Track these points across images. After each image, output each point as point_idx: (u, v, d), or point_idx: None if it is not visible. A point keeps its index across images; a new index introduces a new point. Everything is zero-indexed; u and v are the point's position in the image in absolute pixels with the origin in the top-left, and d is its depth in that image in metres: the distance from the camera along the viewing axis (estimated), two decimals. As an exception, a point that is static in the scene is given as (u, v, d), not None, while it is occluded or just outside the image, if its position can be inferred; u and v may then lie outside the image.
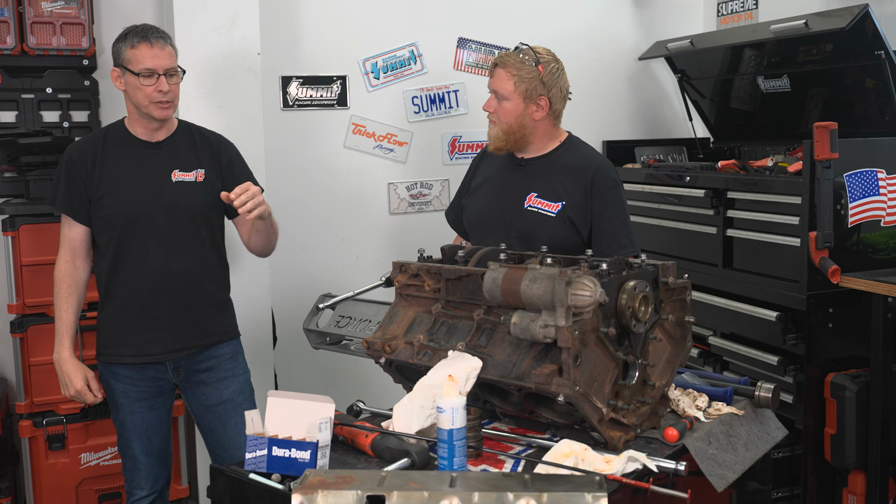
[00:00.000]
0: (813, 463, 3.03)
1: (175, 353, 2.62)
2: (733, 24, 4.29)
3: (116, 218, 2.55)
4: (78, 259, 2.62)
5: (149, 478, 2.66)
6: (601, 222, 2.55)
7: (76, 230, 2.60)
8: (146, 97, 2.52)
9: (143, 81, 2.50)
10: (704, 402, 2.10)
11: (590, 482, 1.49)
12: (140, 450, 2.64)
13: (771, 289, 3.15)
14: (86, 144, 2.63)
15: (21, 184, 3.34)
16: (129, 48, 2.52)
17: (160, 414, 2.67)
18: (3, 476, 3.21)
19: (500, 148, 2.61)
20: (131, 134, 2.63)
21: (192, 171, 2.62)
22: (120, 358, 2.60)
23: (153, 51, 2.51)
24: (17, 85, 3.41)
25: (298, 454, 1.75)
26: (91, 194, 2.57)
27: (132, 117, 2.63)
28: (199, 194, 2.62)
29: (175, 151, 2.64)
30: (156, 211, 2.56)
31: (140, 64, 2.50)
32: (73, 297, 2.60)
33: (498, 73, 2.57)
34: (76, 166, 2.58)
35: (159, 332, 2.59)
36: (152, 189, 2.57)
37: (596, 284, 1.75)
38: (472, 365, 1.86)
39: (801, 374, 3.05)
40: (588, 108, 4.26)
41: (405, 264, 2.12)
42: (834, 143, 2.85)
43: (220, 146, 2.72)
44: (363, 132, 3.91)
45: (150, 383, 2.63)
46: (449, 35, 4.04)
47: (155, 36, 2.53)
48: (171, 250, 2.58)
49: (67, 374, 2.56)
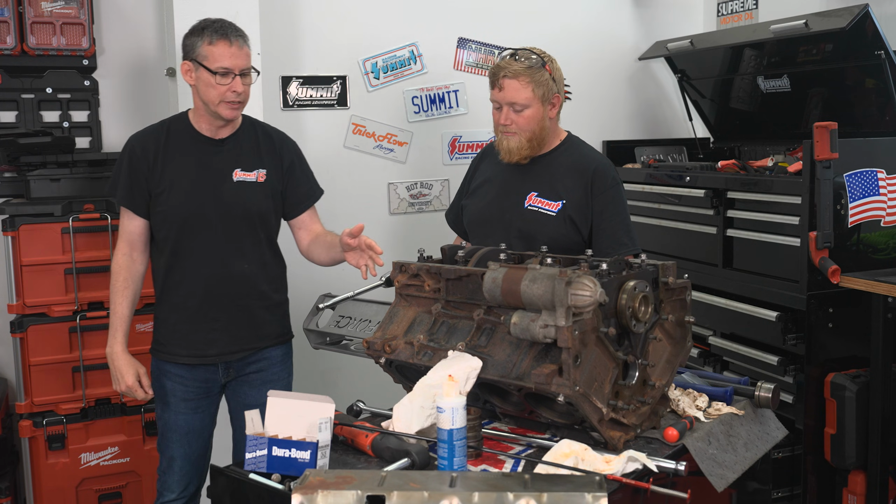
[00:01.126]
0: (813, 463, 3.03)
1: (230, 355, 2.60)
2: (733, 24, 4.29)
3: (175, 216, 2.53)
4: (136, 252, 2.59)
5: (181, 482, 2.63)
6: (601, 221, 2.55)
7: (135, 223, 2.57)
8: (218, 95, 2.47)
9: (218, 80, 2.46)
10: (704, 402, 2.10)
11: (590, 482, 1.49)
12: (178, 452, 2.62)
13: (771, 289, 3.15)
14: (149, 136, 2.59)
15: (21, 184, 3.33)
16: (207, 44, 2.46)
17: (203, 418, 2.65)
18: (3, 476, 3.21)
19: (526, 156, 2.57)
20: (195, 129, 2.58)
21: (253, 170, 2.59)
22: (175, 357, 2.59)
23: (232, 49, 2.46)
24: (17, 85, 3.41)
25: (298, 454, 1.75)
26: (152, 189, 2.54)
27: (198, 112, 2.58)
28: (258, 195, 2.58)
29: (237, 150, 2.60)
30: (214, 211, 2.53)
31: (217, 62, 2.45)
32: (128, 291, 2.57)
33: (510, 85, 2.50)
34: (139, 159, 2.54)
35: (215, 333, 2.57)
36: (212, 188, 2.54)
37: (596, 284, 1.75)
38: (472, 365, 1.86)
39: (801, 374, 3.05)
40: (588, 108, 4.26)
41: (405, 264, 2.12)
42: (834, 143, 2.85)
43: (282, 145, 2.67)
44: (363, 132, 3.91)
45: (199, 384, 2.61)
46: (449, 35, 4.04)
47: (235, 34, 2.48)
48: (229, 251, 2.55)
49: (119, 369, 2.54)
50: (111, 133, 3.63)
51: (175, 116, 2.66)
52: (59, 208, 3.14)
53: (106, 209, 3.20)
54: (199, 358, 2.58)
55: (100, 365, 3.21)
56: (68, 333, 3.17)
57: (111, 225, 3.19)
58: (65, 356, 3.17)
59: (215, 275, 2.55)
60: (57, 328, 3.16)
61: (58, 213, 3.14)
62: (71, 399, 3.19)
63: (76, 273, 3.16)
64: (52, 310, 3.15)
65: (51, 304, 3.15)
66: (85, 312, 3.18)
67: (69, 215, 3.14)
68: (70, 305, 3.17)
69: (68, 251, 3.15)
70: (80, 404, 3.19)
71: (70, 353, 3.17)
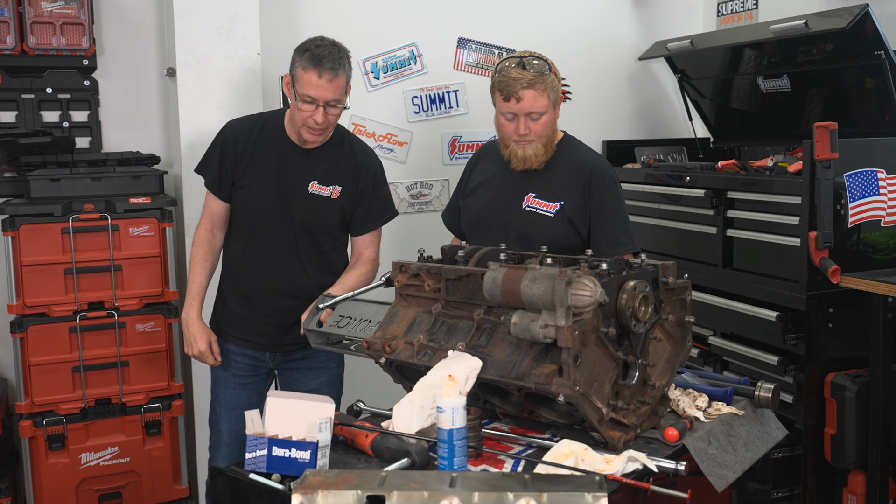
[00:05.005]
0: (813, 463, 3.03)
1: (279, 347, 2.74)
2: (733, 24, 4.29)
3: (250, 212, 2.67)
4: (216, 229, 2.74)
5: (228, 457, 2.73)
6: (599, 220, 2.55)
7: (218, 205, 2.72)
8: (301, 120, 2.54)
9: (302, 106, 2.51)
10: (704, 402, 2.10)
11: (590, 482, 1.49)
12: (226, 427, 2.75)
13: (771, 289, 3.15)
14: (245, 127, 2.68)
15: (21, 184, 3.33)
16: (301, 68, 2.50)
17: (251, 395, 2.75)
18: (3, 476, 3.21)
19: (542, 163, 2.56)
20: (285, 133, 2.66)
21: (329, 185, 2.66)
22: (228, 336, 2.74)
23: (320, 81, 2.48)
24: (17, 85, 3.41)
25: (298, 454, 1.75)
26: (235, 179, 2.66)
27: (291, 120, 2.64)
28: (328, 211, 2.67)
29: (319, 162, 2.66)
30: (286, 218, 2.64)
31: (304, 89, 2.50)
32: (207, 263, 2.72)
33: (528, 95, 2.46)
34: (230, 148, 2.66)
35: (266, 326, 2.70)
36: (287, 195, 2.64)
37: (596, 284, 1.75)
38: (472, 365, 1.86)
39: (801, 374, 3.05)
40: (588, 108, 4.26)
41: (405, 264, 2.12)
42: (834, 143, 2.85)
43: (362, 167, 2.71)
44: (363, 132, 3.91)
45: (249, 362, 2.75)
46: (449, 35, 4.04)
47: (328, 66, 2.48)
48: (293, 258, 2.66)
49: (193, 334, 2.67)
50: (111, 133, 3.63)
51: (273, 112, 2.75)
52: (59, 208, 3.14)
53: (106, 209, 3.20)
54: (250, 343, 2.73)
55: (100, 365, 3.22)
56: (68, 333, 3.17)
57: (111, 225, 3.19)
58: (65, 356, 3.17)
59: (274, 276, 2.68)
60: (57, 328, 3.16)
61: (58, 213, 3.14)
62: (71, 399, 3.18)
63: (76, 273, 3.16)
64: (52, 310, 3.15)
65: (51, 304, 3.15)
66: (85, 312, 3.18)
67: (69, 215, 3.14)
68: (70, 305, 3.17)
69: (68, 251, 3.15)
70: (80, 404, 3.19)
71: (70, 353, 3.17)
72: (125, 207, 3.22)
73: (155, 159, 3.41)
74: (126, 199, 3.23)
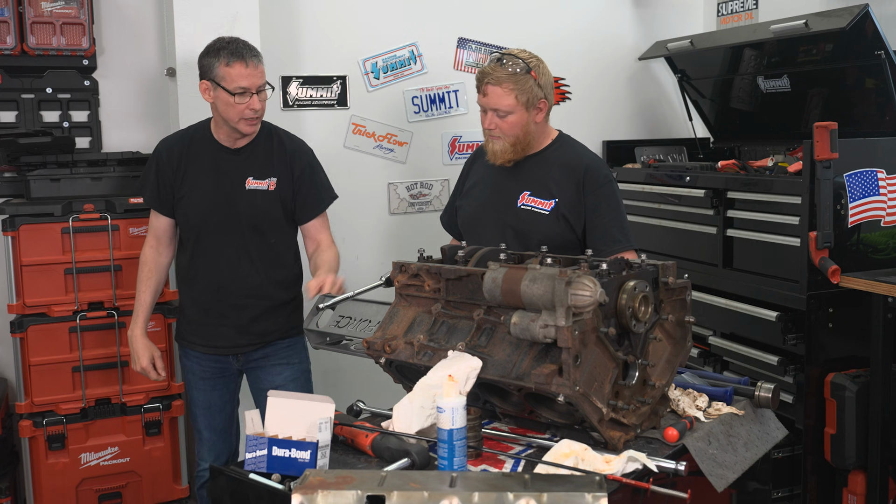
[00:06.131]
0: (813, 463, 3.03)
1: (239, 348, 2.78)
2: (733, 24, 4.29)
3: (193, 220, 2.72)
4: (161, 246, 2.81)
5: (211, 451, 2.84)
6: (594, 218, 2.55)
7: (161, 220, 2.78)
8: (237, 114, 2.60)
9: (236, 100, 2.57)
10: (704, 402, 2.10)
11: (590, 482, 1.48)
12: (203, 425, 2.84)
13: (771, 289, 3.15)
14: (175, 143, 2.75)
15: (21, 184, 3.33)
16: (224, 65, 2.56)
17: (223, 395, 2.84)
18: (3, 476, 3.21)
19: (510, 160, 2.58)
20: (214, 138, 2.72)
21: (265, 179, 2.71)
22: (191, 345, 2.81)
23: (248, 70, 2.57)
24: (17, 85, 3.41)
25: (298, 454, 1.75)
26: (175, 192, 2.73)
27: (217, 125, 2.70)
28: (269, 203, 2.71)
29: (252, 159, 2.72)
30: (228, 217, 2.68)
31: (234, 83, 2.56)
32: (152, 281, 2.79)
33: (493, 91, 2.49)
34: (165, 164, 2.72)
35: (224, 328, 2.75)
36: (227, 195, 2.68)
37: (596, 284, 1.75)
38: (472, 365, 1.86)
39: (801, 374, 3.05)
40: (588, 108, 4.27)
41: (405, 264, 2.12)
42: (834, 143, 2.85)
43: (294, 155, 2.77)
44: (363, 132, 3.91)
45: (215, 365, 2.80)
46: (449, 35, 4.04)
47: (250, 55, 2.58)
48: (240, 255, 2.71)
49: (136, 350, 2.76)
50: (111, 133, 3.63)
51: (199, 124, 2.80)
52: (59, 208, 3.14)
53: (106, 209, 3.20)
54: (211, 348, 2.78)
55: (100, 365, 3.22)
56: (68, 333, 3.17)
57: (111, 225, 3.19)
58: (65, 356, 3.17)
59: (224, 276, 2.72)
60: (57, 328, 3.16)
61: (58, 213, 3.14)
62: (71, 399, 3.19)
63: (76, 273, 3.16)
64: (52, 310, 3.15)
65: (51, 304, 3.15)
66: (85, 312, 3.18)
67: (69, 215, 3.14)
68: (70, 305, 3.17)
69: (68, 251, 3.15)
70: (80, 404, 3.19)
71: (70, 353, 3.18)
72: (125, 207, 3.22)
73: (155, 159, 3.41)
74: (126, 199, 3.24)
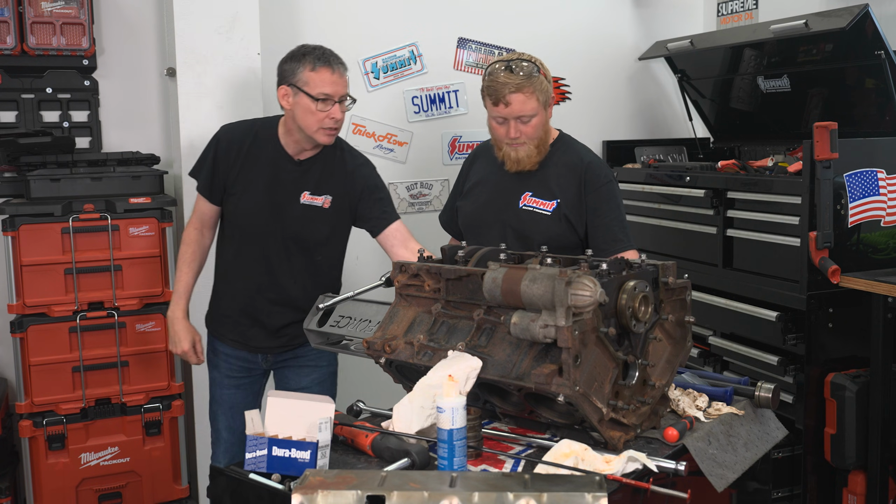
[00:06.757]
0: (813, 463, 3.03)
1: (269, 350, 2.76)
2: (733, 24, 4.29)
3: (241, 221, 2.68)
4: (206, 228, 2.76)
5: (227, 453, 2.77)
6: (595, 218, 2.55)
7: (208, 206, 2.73)
8: (317, 122, 2.54)
9: (318, 107, 2.52)
10: (704, 402, 2.10)
11: (590, 482, 1.48)
12: (223, 425, 2.79)
13: (771, 289, 3.15)
14: (237, 135, 2.68)
15: (21, 184, 3.33)
16: (309, 70, 2.52)
17: (246, 395, 2.78)
18: (3, 476, 3.21)
19: (535, 164, 2.57)
20: (280, 143, 2.65)
21: (321, 195, 2.66)
22: (222, 337, 2.77)
23: (334, 77, 2.53)
24: (17, 85, 3.41)
25: (298, 454, 1.75)
26: (228, 186, 2.67)
27: (288, 131, 2.63)
28: (320, 220, 2.66)
29: (312, 173, 2.67)
30: (277, 228, 2.64)
31: (318, 88, 2.51)
32: (195, 263, 2.75)
33: (516, 99, 2.46)
34: (223, 156, 2.66)
35: (255, 329, 2.73)
36: (278, 206, 2.64)
37: (596, 284, 1.75)
38: (472, 365, 1.86)
39: (801, 374, 3.05)
40: (588, 108, 4.27)
41: (405, 264, 2.12)
42: (834, 143, 2.85)
43: (355, 173, 2.71)
44: (363, 132, 3.91)
45: (242, 364, 2.77)
46: (449, 35, 4.04)
47: (337, 62, 2.55)
48: (283, 268, 2.68)
49: (177, 333, 2.70)
50: (111, 133, 3.63)
51: (266, 121, 2.73)
52: (59, 208, 3.14)
53: (106, 209, 3.20)
54: (241, 345, 2.75)
55: (100, 365, 3.22)
56: (68, 333, 3.17)
57: (111, 225, 3.19)
58: (65, 356, 3.17)
59: (264, 283, 2.69)
60: (57, 328, 3.16)
61: (58, 213, 3.14)
62: (71, 399, 3.19)
63: (76, 273, 3.16)
64: (52, 310, 3.15)
65: (51, 304, 3.15)
66: (85, 312, 3.18)
67: (69, 215, 3.14)
68: (70, 305, 3.17)
69: (68, 251, 3.15)
70: (80, 404, 3.19)
71: (70, 353, 3.17)
72: (125, 207, 3.22)
73: (155, 159, 3.41)
74: (126, 199, 3.24)
